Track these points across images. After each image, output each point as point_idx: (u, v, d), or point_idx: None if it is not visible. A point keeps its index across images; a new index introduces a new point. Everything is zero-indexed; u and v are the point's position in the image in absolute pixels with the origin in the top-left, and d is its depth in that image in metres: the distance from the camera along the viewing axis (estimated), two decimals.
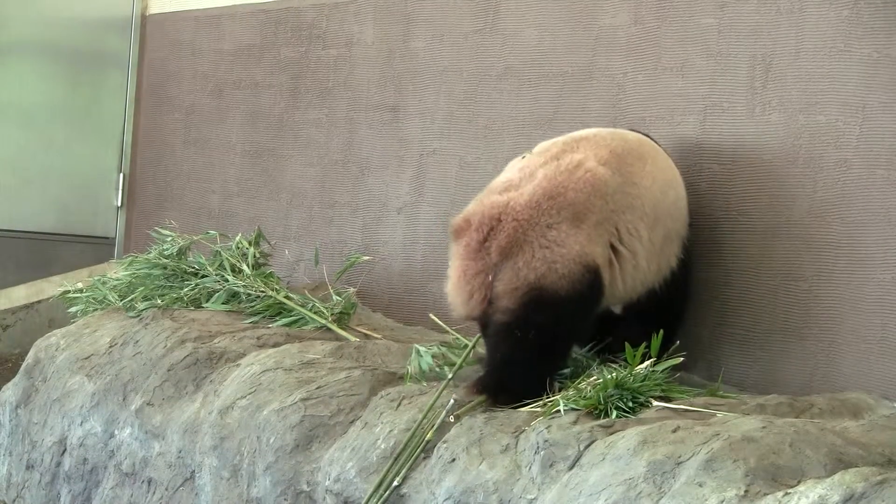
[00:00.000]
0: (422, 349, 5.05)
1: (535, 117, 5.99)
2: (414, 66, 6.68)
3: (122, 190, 8.47)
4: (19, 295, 8.08)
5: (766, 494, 3.65)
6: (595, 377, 4.62)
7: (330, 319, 5.91)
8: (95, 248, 8.43)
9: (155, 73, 8.34)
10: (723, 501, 3.68)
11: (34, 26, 8.41)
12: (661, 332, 4.76)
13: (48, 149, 8.42)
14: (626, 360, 4.67)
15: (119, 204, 8.47)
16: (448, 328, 5.56)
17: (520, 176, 4.90)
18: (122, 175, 8.47)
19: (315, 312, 5.95)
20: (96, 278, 6.71)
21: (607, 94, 5.75)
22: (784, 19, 5.14)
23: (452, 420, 4.59)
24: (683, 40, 5.48)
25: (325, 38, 7.19)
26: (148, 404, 5.58)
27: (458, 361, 4.95)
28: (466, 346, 5.09)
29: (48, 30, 8.43)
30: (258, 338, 5.71)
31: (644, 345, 4.67)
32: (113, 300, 6.48)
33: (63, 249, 8.37)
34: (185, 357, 5.62)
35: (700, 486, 3.75)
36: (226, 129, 7.78)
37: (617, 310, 5.33)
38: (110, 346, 6.01)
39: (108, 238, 8.49)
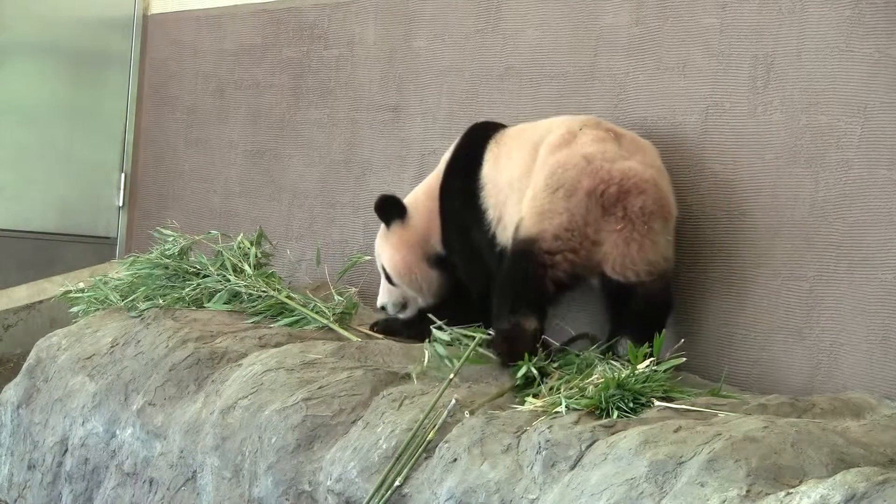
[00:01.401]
0: (438, 334, 5.05)
1: (537, 117, 5.98)
2: (415, 66, 6.68)
3: (124, 190, 8.47)
4: (21, 295, 8.08)
5: (767, 494, 3.65)
6: (597, 377, 4.62)
7: (331, 319, 5.91)
8: (97, 248, 8.43)
9: (156, 72, 8.34)
10: (724, 501, 3.68)
11: (35, 26, 8.40)
12: (664, 332, 4.77)
13: (50, 149, 8.42)
14: (628, 359, 4.67)
15: (121, 204, 8.47)
16: (447, 328, 5.56)
17: (615, 147, 5.13)
18: (123, 175, 8.47)
19: (317, 312, 5.95)
20: (98, 278, 6.71)
21: (609, 94, 5.75)
22: (785, 19, 5.14)
23: (468, 415, 4.59)
24: (685, 40, 5.48)
25: (327, 38, 7.19)
26: (149, 404, 5.58)
27: (461, 360, 4.94)
28: (467, 346, 5.09)
29: (49, 30, 8.43)
30: (260, 338, 5.70)
31: (647, 345, 4.67)
32: (114, 300, 6.47)
33: (65, 249, 8.37)
34: (186, 357, 5.61)
35: (702, 486, 3.75)
36: (227, 129, 7.78)
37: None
38: (112, 346, 6.01)
39: (109, 238, 8.48)
